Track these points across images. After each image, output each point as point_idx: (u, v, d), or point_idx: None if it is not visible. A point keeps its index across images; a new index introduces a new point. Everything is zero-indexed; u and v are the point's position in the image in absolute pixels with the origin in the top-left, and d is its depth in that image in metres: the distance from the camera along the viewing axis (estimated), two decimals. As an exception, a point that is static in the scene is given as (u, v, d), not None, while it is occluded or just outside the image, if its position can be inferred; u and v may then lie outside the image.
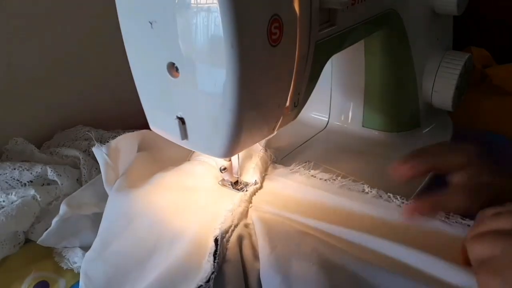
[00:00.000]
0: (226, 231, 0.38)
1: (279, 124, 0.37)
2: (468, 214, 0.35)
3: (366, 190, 0.42)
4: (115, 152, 0.47)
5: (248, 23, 0.28)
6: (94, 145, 0.47)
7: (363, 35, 0.46)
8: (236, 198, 0.42)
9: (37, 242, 0.44)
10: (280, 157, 0.51)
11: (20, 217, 0.45)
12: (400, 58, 0.51)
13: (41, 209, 0.47)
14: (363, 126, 0.56)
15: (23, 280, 0.42)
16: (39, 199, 0.47)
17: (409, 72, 0.52)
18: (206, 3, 0.27)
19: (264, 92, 0.33)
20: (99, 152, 0.46)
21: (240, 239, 0.38)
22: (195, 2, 0.28)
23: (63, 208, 0.43)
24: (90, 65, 0.63)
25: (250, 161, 0.48)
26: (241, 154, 0.46)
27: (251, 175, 0.46)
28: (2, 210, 0.44)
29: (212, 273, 0.34)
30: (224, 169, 0.43)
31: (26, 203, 0.46)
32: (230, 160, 0.43)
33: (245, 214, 0.41)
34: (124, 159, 0.48)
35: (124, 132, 0.60)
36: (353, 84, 0.55)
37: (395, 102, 0.54)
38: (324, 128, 0.58)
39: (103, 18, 0.46)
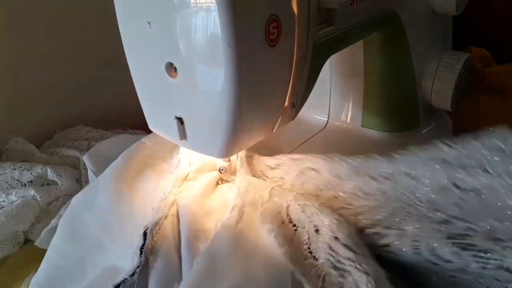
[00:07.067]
0: (157, 223, 0.36)
1: (277, 124, 0.37)
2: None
3: None
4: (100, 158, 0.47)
5: (246, 23, 0.28)
6: (93, 145, 0.47)
7: (362, 35, 0.46)
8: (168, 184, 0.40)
9: (35, 244, 0.44)
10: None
11: (20, 217, 0.45)
12: (399, 58, 0.51)
13: (41, 210, 0.47)
14: (362, 126, 0.56)
15: (23, 280, 0.42)
16: (39, 199, 0.47)
17: (408, 72, 0.52)
18: (205, 3, 0.27)
19: (262, 92, 0.33)
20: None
21: (172, 226, 0.37)
22: (194, 2, 0.28)
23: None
24: (90, 65, 0.63)
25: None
26: (240, 154, 0.46)
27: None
28: (2, 210, 0.45)
29: (138, 267, 0.33)
30: (223, 169, 0.43)
31: (26, 203, 0.46)
32: (229, 160, 0.43)
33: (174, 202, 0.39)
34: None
35: (124, 132, 0.60)
36: (352, 84, 0.55)
37: (394, 102, 0.54)
38: (324, 128, 0.58)
39: (103, 18, 0.46)
